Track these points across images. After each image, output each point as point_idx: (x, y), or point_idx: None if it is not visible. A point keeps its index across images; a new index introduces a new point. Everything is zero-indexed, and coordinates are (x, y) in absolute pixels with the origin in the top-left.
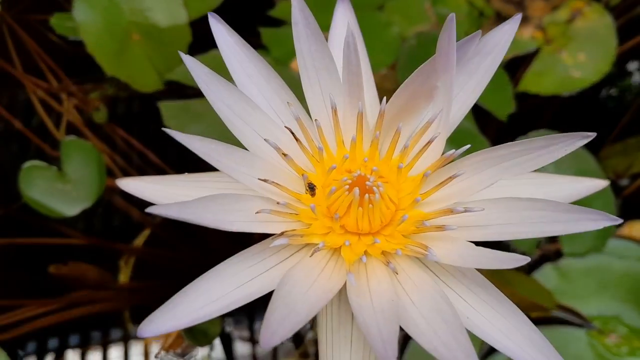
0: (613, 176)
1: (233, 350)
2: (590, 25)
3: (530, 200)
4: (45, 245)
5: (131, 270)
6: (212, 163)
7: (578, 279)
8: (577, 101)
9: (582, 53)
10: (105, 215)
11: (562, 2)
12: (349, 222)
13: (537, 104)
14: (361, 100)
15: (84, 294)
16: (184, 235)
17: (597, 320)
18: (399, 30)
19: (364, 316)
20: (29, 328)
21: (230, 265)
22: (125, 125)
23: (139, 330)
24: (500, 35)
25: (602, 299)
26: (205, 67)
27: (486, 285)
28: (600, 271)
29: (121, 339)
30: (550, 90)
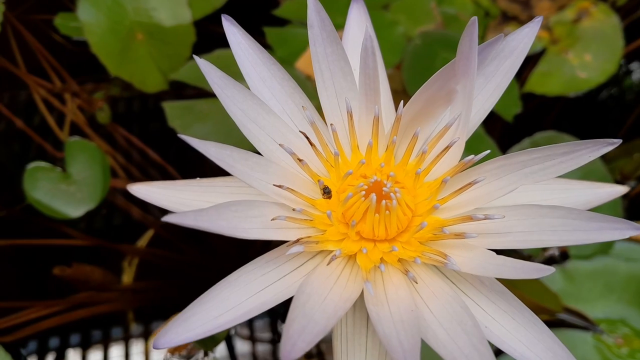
0: (620, 178)
1: (235, 349)
2: (597, 25)
3: (551, 207)
4: (48, 247)
5: (135, 271)
6: (227, 169)
7: (584, 281)
8: (583, 101)
9: (589, 53)
10: (109, 216)
11: (568, 2)
12: (365, 228)
13: (542, 104)
14: (378, 104)
15: (88, 295)
16: (187, 236)
17: (603, 323)
18: (404, 30)
19: (383, 326)
20: (33, 330)
21: (243, 273)
22: (129, 125)
23: (155, 342)
24: (520, 38)
25: (608, 302)
26: (219, 70)
27: (505, 294)
28: (607, 274)
29: (125, 340)
30: (556, 91)
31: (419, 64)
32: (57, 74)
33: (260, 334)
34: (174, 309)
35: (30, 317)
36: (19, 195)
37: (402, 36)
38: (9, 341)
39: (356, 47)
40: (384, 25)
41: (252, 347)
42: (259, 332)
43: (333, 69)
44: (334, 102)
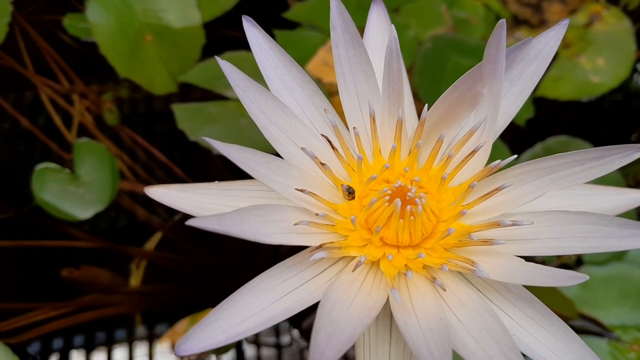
0: (633, 183)
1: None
2: (609, 29)
3: (581, 213)
4: (56, 248)
5: (143, 274)
6: (249, 172)
7: (599, 287)
8: (594, 106)
9: (601, 58)
10: (116, 219)
11: (580, 6)
12: (389, 234)
13: (553, 109)
14: (401, 108)
15: (95, 298)
16: (195, 239)
17: (618, 330)
18: (414, 33)
19: (411, 335)
20: (40, 331)
21: (265, 279)
22: (137, 127)
23: (176, 349)
24: (545, 42)
25: (623, 308)
26: (242, 72)
27: (533, 301)
28: (621, 280)
29: (132, 342)
30: (568, 96)
31: (430, 68)
32: (65, 75)
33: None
34: (182, 311)
35: (38, 319)
36: (26, 197)
37: (412, 40)
38: (17, 342)
39: (376, 50)
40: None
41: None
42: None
43: (355, 72)
44: (356, 105)
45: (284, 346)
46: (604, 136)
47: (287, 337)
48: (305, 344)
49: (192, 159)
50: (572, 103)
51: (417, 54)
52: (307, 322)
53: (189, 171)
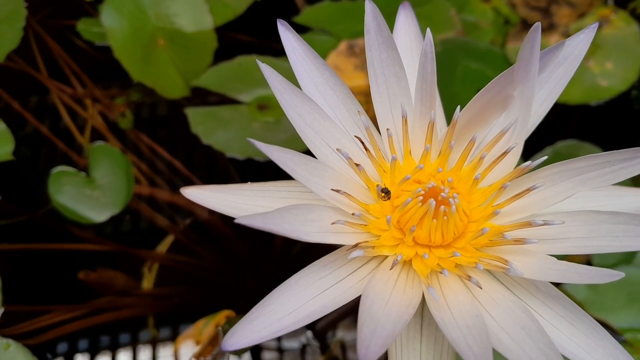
0: None
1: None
2: (617, 33)
3: (611, 213)
4: (69, 251)
5: (155, 277)
6: (288, 172)
7: (608, 290)
8: (603, 110)
9: (609, 62)
10: (129, 222)
11: (588, 10)
12: (421, 234)
13: (562, 113)
14: (433, 109)
15: (109, 300)
16: (206, 242)
17: (627, 333)
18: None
19: (450, 332)
20: (56, 333)
21: (302, 277)
22: (150, 131)
23: (223, 344)
24: (574, 45)
25: (632, 311)
26: (280, 75)
27: (562, 299)
28: (630, 283)
29: (145, 344)
30: (577, 99)
31: (440, 71)
32: (78, 79)
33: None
34: (195, 314)
35: (53, 321)
36: (40, 200)
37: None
38: (33, 344)
39: (404, 53)
40: None
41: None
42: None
43: (387, 74)
44: (387, 107)
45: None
46: (613, 140)
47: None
48: (318, 345)
49: (205, 162)
50: (581, 106)
51: None
52: (320, 324)
53: (202, 174)
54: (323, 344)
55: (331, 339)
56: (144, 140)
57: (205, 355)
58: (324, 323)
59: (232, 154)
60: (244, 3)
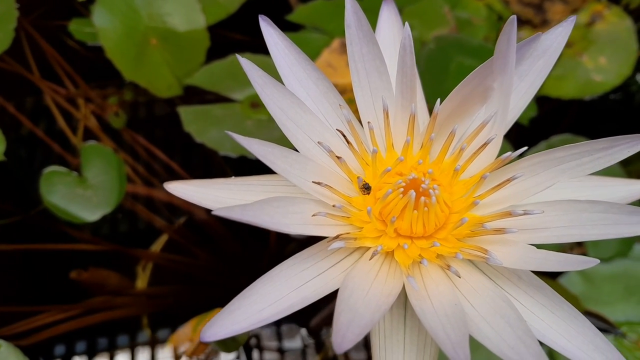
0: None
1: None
2: (611, 28)
3: (590, 202)
4: (63, 252)
5: (149, 276)
6: (269, 165)
7: (604, 284)
8: (598, 104)
9: (603, 56)
10: (122, 221)
11: (581, 6)
12: (403, 225)
13: (557, 108)
14: (414, 103)
15: (103, 300)
16: (200, 242)
17: (624, 326)
18: (418, 34)
19: (428, 320)
20: (50, 333)
21: (284, 268)
22: (143, 130)
23: (202, 335)
24: (553, 38)
25: (628, 304)
26: (260, 70)
27: (544, 288)
28: (627, 276)
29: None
30: (571, 94)
31: (434, 68)
32: (70, 80)
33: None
34: (188, 313)
35: (47, 321)
36: (33, 201)
37: (416, 40)
38: (26, 345)
39: (387, 48)
40: None
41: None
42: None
43: (369, 68)
44: (369, 101)
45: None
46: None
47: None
48: (313, 342)
49: (198, 161)
50: (574, 102)
51: (420, 55)
52: (315, 321)
53: (196, 173)
54: (318, 343)
55: (326, 337)
56: (136, 139)
57: (198, 354)
58: (318, 320)
59: (225, 152)
60: (237, 2)
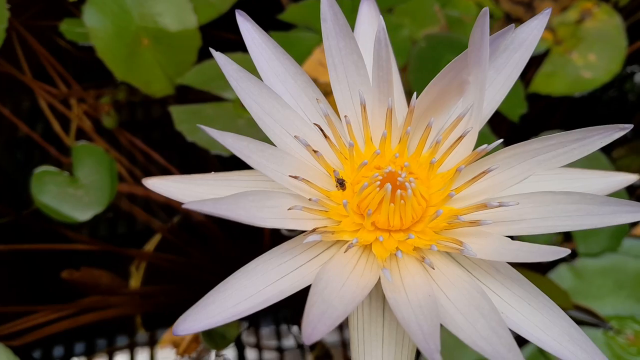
0: None
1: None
2: (600, 25)
3: (564, 193)
4: (57, 252)
5: (142, 276)
6: (244, 159)
7: (594, 279)
8: (589, 102)
9: (592, 53)
10: (116, 221)
11: (571, 3)
12: (380, 218)
13: (548, 105)
14: (391, 96)
15: (96, 300)
16: (194, 241)
17: (613, 320)
18: (409, 32)
19: (402, 312)
20: (41, 333)
21: (260, 262)
22: (135, 130)
23: (174, 329)
24: (529, 31)
25: (618, 299)
26: (235, 64)
27: (521, 280)
28: (616, 271)
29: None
30: (561, 91)
31: (425, 66)
32: (62, 80)
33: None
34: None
35: (40, 322)
36: (26, 202)
37: (407, 39)
38: (19, 345)
39: (367, 43)
40: (389, 28)
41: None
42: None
43: (346, 63)
44: (347, 95)
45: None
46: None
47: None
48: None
49: (190, 159)
50: (567, 99)
51: (411, 53)
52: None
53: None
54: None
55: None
56: (129, 139)
57: (190, 352)
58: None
59: (216, 151)
60: (228, 1)
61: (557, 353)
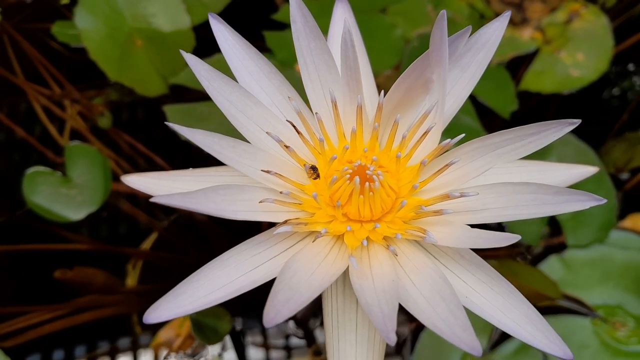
0: (614, 170)
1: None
2: (588, 26)
3: (522, 184)
4: (53, 252)
5: (139, 274)
6: (216, 155)
7: (582, 269)
8: (579, 100)
9: (580, 53)
10: (112, 220)
11: (560, 4)
12: (351, 210)
13: (539, 103)
14: (360, 94)
15: (91, 299)
16: (190, 239)
17: (601, 309)
18: (402, 32)
19: (365, 297)
20: (36, 334)
21: (234, 254)
22: (130, 129)
23: (145, 317)
24: (491, 32)
25: (605, 289)
26: (207, 64)
27: (484, 266)
28: (604, 262)
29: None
30: (550, 89)
31: None
32: (55, 81)
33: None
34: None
35: (33, 322)
36: (20, 204)
37: (400, 38)
38: (11, 345)
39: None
40: (382, 28)
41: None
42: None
43: (317, 62)
44: (320, 93)
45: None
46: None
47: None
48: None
49: (185, 158)
50: (559, 97)
51: (404, 52)
52: (301, 313)
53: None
54: (308, 338)
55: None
56: (123, 138)
57: (185, 349)
58: (304, 311)
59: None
60: (222, 2)
61: (516, 334)
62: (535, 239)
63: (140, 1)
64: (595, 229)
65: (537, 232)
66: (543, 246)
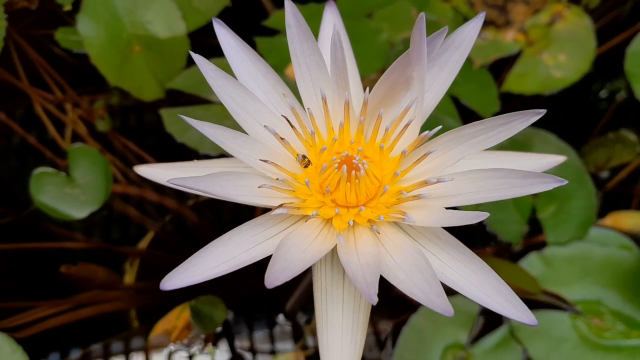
0: (594, 170)
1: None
2: (570, 27)
3: (493, 170)
4: (54, 250)
5: (136, 272)
6: (220, 145)
7: (562, 266)
8: (562, 101)
9: (563, 54)
10: (110, 220)
11: (543, 6)
12: (339, 196)
13: (523, 105)
14: (347, 91)
15: (92, 294)
16: (185, 238)
17: (580, 305)
18: (387, 36)
19: (351, 268)
20: (41, 327)
21: (235, 234)
22: (128, 132)
23: (162, 284)
24: (466, 32)
25: (584, 285)
26: (213, 64)
27: (458, 246)
28: (583, 258)
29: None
30: (532, 90)
31: None
32: (58, 86)
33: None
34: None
35: (39, 316)
36: (23, 205)
37: (385, 42)
38: (19, 338)
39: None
40: (368, 32)
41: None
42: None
43: (309, 63)
44: (311, 91)
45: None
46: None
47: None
48: (290, 325)
49: (181, 159)
50: (540, 97)
51: (390, 56)
52: (290, 305)
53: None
54: (296, 331)
55: (303, 324)
56: (122, 141)
57: (181, 339)
58: (292, 303)
59: (204, 151)
60: (215, 9)
61: (488, 304)
62: (516, 236)
63: (138, 8)
64: (575, 227)
65: (517, 230)
66: (524, 244)
